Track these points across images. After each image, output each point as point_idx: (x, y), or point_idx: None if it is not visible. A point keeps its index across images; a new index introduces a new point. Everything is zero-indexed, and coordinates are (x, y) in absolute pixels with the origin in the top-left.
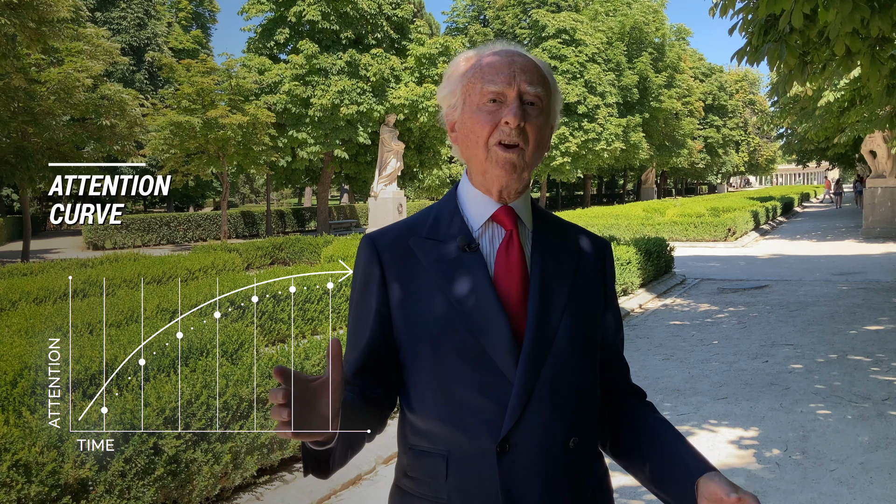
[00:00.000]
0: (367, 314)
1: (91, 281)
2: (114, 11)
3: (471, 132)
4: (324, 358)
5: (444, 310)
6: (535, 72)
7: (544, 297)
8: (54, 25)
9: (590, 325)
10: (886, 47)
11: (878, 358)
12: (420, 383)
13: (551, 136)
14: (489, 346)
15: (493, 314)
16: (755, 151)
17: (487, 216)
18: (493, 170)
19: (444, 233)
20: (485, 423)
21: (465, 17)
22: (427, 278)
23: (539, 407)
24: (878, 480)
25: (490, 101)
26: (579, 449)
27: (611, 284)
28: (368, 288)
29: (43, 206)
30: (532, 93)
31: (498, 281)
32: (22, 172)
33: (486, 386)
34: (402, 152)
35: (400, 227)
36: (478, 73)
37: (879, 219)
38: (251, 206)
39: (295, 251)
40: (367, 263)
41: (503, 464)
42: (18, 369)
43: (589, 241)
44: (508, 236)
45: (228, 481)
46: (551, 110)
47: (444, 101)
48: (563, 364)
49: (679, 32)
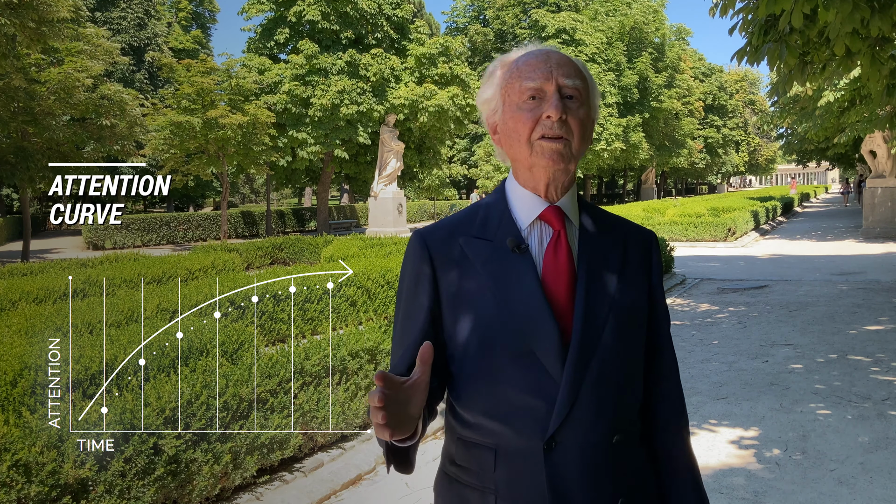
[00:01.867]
0: (418, 311)
1: (91, 281)
2: (114, 11)
3: (513, 131)
4: (324, 357)
5: (494, 310)
6: (571, 66)
7: (590, 297)
8: (54, 25)
9: (636, 323)
10: (886, 47)
11: (878, 358)
12: (469, 379)
13: (593, 130)
14: (537, 347)
15: (541, 316)
16: (755, 151)
17: (535, 215)
18: (539, 162)
19: (493, 232)
20: (532, 421)
21: (465, 17)
22: (477, 278)
23: (585, 405)
24: (878, 480)
25: (529, 99)
26: (622, 444)
27: (656, 276)
28: (419, 285)
29: (43, 206)
30: (571, 86)
31: (546, 281)
32: (22, 172)
33: (533, 386)
34: (402, 152)
35: (450, 225)
36: (515, 73)
37: (879, 219)
38: (251, 206)
39: (295, 251)
40: (418, 261)
41: (550, 461)
42: (18, 369)
43: (634, 233)
44: (556, 236)
45: (228, 481)
46: (591, 104)
47: (484, 105)
48: (609, 363)
49: (679, 32)
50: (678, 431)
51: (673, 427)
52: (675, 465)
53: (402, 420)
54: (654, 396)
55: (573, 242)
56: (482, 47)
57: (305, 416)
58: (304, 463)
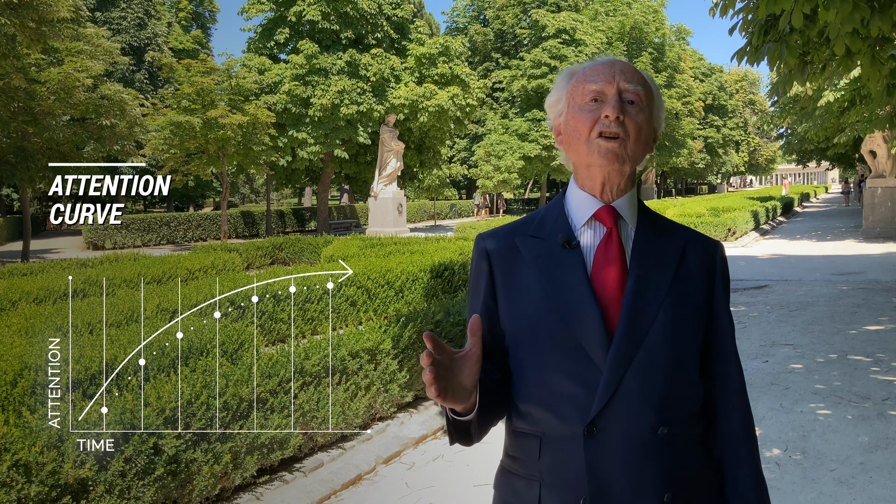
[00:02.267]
0: (477, 305)
1: (91, 281)
2: (114, 11)
3: (573, 130)
4: (324, 357)
5: (542, 301)
6: (635, 73)
7: (639, 291)
8: (54, 25)
9: (689, 322)
10: (886, 47)
11: (878, 358)
12: (520, 369)
13: (655, 138)
14: (581, 336)
15: (587, 305)
16: (755, 151)
17: (589, 215)
18: (595, 160)
19: (547, 231)
20: (575, 407)
21: (465, 17)
22: (529, 272)
23: (628, 394)
24: (878, 480)
25: (591, 101)
26: (670, 438)
27: (720, 286)
28: (479, 282)
29: (43, 206)
30: (631, 90)
31: (595, 275)
32: (22, 172)
33: (577, 373)
34: (402, 152)
35: (509, 227)
36: (580, 77)
37: (879, 219)
38: (251, 206)
39: (295, 251)
40: (478, 259)
41: (590, 446)
42: (18, 369)
43: (698, 242)
44: (608, 234)
45: (228, 481)
46: (653, 112)
47: (552, 108)
48: (656, 356)
49: (679, 32)
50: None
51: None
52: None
53: (454, 388)
54: (719, 410)
55: (627, 241)
56: (482, 47)
57: (305, 416)
58: (304, 463)
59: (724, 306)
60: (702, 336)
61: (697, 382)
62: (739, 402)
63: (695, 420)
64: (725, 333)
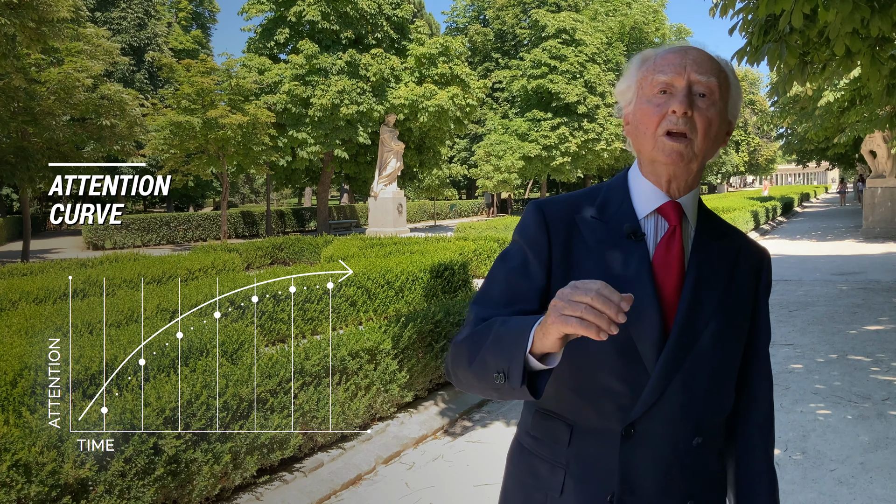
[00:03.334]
0: (526, 277)
1: (91, 281)
2: (114, 11)
3: (640, 123)
4: (324, 357)
5: None
6: (709, 63)
7: (696, 296)
8: (54, 25)
9: (736, 332)
10: (886, 47)
11: (878, 358)
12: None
13: (728, 131)
14: (637, 336)
15: (648, 305)
16: (755, 151)
17: (654, 207)
18: (660, 158)
19: (611, 215)
20: (617, 407)
21: (465, 17)
22: (590, 258)
23: (672, 401)
24: (878, 480)
25: (660, 93)
26: (702, 448)
27: (764, 295)
28: (532, 252)
29: (43, 206)
30: (704, 82)
31: (655, 273)
32: (22, 172)
33: (624, 371)
34: (402, 152)
35: (568, 200)
36: (651, 67)
37: (879, 219)
38: (251, 206)
39: (295, 251)
40: (535, 229)
41: (625, 447)
42: (18, 369)
43: (749, 248)
44: (671, 231)
45: (228, 481)
46: (727, 104)
47: (621, 95)
48: (703, 365)
49: (679, 32)
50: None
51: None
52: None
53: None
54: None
55: (687, 241)
56: (482, 47)
57: (305, 416)
58: (304, 463)
59: (765, 315)
60: (743, 346)
61: (731, 394)
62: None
63: (722, 429)
64: (761, 346)
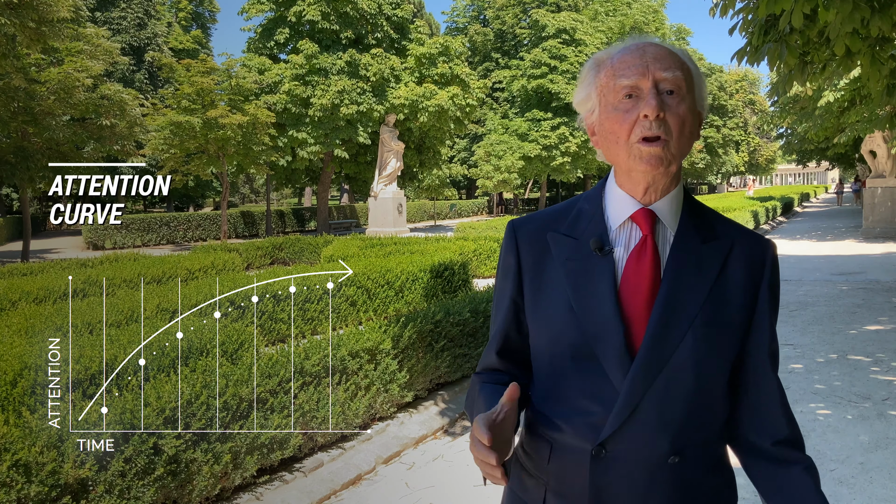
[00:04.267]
0: (504, 300)
1: (91, 281)
2: (114, 11)
3: (610, 133)
4: (324, 357)
5: (565, 310)
6: (670, 57)
7: (669, 309)
8: (54, 25)
9: (720, 343)
10: (886, 47)
11: (878, 358)
12: (539, 372)
13: (700, 124)
14: (601, 354)
15: (610, 323)
16: (755, 151)
17: (626, 216)
18: (637, 166)
19: (581, 230)
20: (587, 425)
21: (465, 17)
22: (556, 275)
23: (642, 421)
24: (878, 480)
25: (626, 98)
26: (682, 467)
27: (767, 292)
28: (506, 276)
29: (43, 206)
30: (669, 78)
31: (624, 288)
32: (22, 172)
33: (593, 391)
34: (402, 152)
35: (543, 217)
36: (610, 71)
37: (879, 219)
38: (251, 206)
39: (295, 251)
40: (506, 252)
41: (596, 467)
42: (18, 369)
43: (746, 244)
44: (642, 241)
45: (228, 481)
46: (695, 96)
47: (581, 106)
48: (677, 382)
49: (679, 32)
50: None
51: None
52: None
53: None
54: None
55: (664, 248)
56: (482, 47)
57: (305, 416)
58: (304, 463)
59: (764, 319)
60: (735, 355)
61: (722, 407)
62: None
63: (713, 443)
64: (760, 348)
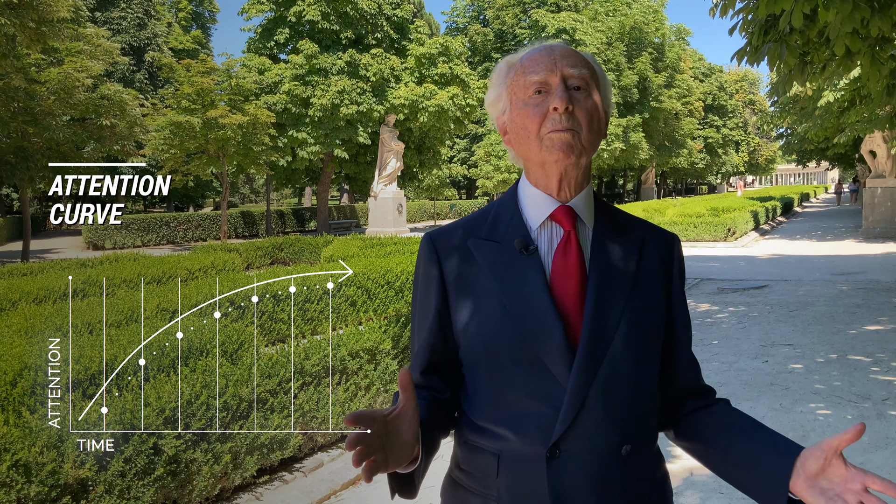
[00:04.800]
0: (428, 314)
1: (91, 281)
2: (114, 11)
3: (521, 128)
4: (324, 357)
5: (499, 313)
6: (576, 56)
7: (601, 301)
8: (54, 25)
9: (650, 328)
10: (886, 47)
11: (878, 358)
12: (475, 383)
13: (607, 124)
14: (543, 352)
15: (548, 319)
16: (755, 151)
17: (546, 215)
18: (550, 156)
19: (502, 234)
20: (536, 427)
21: (465, 17)
22: (483, 280)
23: (592, 414)
24: None
25: (535, 93)
26: (633, 456)
27: (678, 281)
28: (428, 288)
29: (43, 206)
30: (577, 75)
31: (554, 284)
32: (22, 172)
33: (538, 391)
34: (402, 152)
35: (460, 226)
36: (519, 70)
37: (879, 219)
38: (251, 206)
39: (295, 251)
40: (426, 263)
41: (553, 469)
42: (18, 369)
43: (654, 236)
44: (566, 237)
45: (228, 481)
46: (602, 94)
47: (492, 107)
48: (619, 370)
49: (679, 32)
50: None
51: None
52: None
53: (395, 452)
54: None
55: (585, 244)
56: (482, 47)
57: (305, 416)
58: (304, 463)
59: (681, 301)
60: (662, 339)
61: (657, 392)
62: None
63: (653, 432)
64: (681, 333)
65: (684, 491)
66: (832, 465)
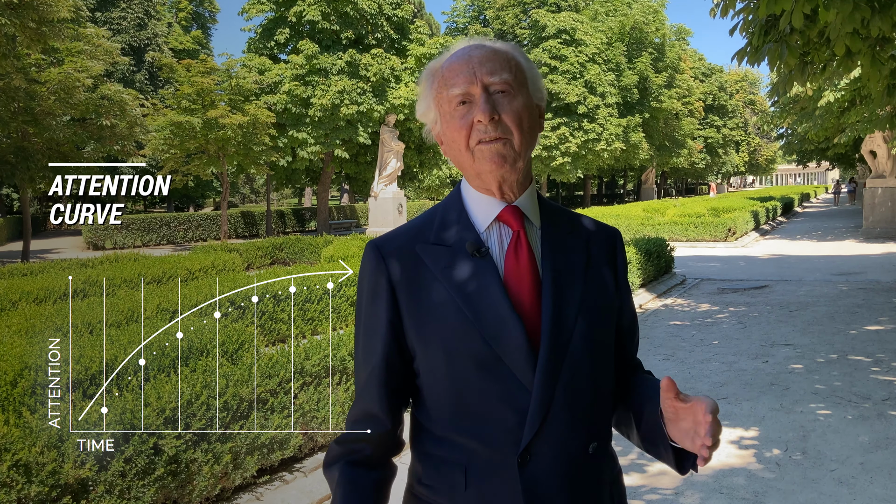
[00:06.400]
0: (379, 325)
1: (91, 281)
2: (114, 11)
3: (452, 141)
4: (324, 357)
5: (457, 318)
6: (495, 59)
7: (557, 299)
8: (54, 25)
9: (605, 324)
10: (886, 47)
11: (878, 358)
12: (436, 392)
13: (541, 115)
14: (505, 355)
15: (508, 321)
16: (755, 151)
17: (493, 217)
18: (484, 167)
19: (451, 237)
20: (504, 433)
21: (465, 17)
22: (437, 286)
23: (559, 415)
24: (878, 480)
25: (460, 105)
26: (598, 453)
27: (622, 272)
28: (377, 298)
29: (43, 206)
30: (497, 81)
31: (509, 285)
32: (22, 172)
33: (503, 395)
34: (402, 152)
35: (405, 232)
36: (442, 82)
37: (879, 219)
38: (251, 206)
39: (295, 251)
40: (373, 273)
41: (525, 475)
42: (18, 369)
43: (598, 230)
44: (516, 237)
45: (228, 481)
46: (528, 90)
47: (424, 118)
48: (581, 369)
49: (679, 32)
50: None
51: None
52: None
53: None
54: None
55: (535, 243)
56: None
57: (305, 416)
58: (304, 463)
59: (627, 292)
60: (614, 335)
61: (613, 387)
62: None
63: (610, 428)
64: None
65: (684, 491)
66: (680, 411)
